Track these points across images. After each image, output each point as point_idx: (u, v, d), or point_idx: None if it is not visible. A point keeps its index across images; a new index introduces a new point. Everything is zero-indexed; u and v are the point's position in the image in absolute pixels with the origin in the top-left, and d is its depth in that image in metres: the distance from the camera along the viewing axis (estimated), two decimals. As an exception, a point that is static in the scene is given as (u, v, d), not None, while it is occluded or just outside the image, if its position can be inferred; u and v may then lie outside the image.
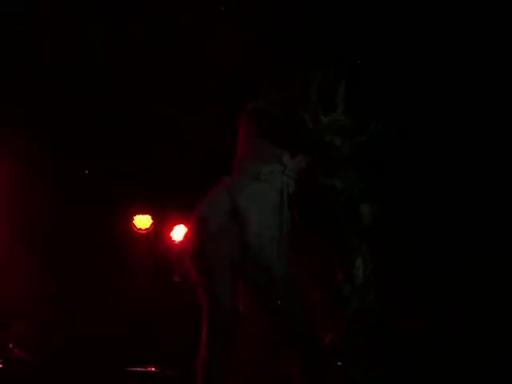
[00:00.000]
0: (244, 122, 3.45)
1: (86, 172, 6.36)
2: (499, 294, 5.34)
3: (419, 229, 5.68)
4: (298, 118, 3.20)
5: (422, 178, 5.59)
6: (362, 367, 3.83)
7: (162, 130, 6.12)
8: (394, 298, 4.26)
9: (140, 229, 6.69)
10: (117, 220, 6.59)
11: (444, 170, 5.57)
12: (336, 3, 5.10)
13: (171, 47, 5.51)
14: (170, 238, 6.74)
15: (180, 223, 6.69)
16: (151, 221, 6.73)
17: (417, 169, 5.57)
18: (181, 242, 3.57)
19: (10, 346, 5.34)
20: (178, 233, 6.70)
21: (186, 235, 3.55)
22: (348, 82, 3.24)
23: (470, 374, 5.04)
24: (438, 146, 5.53)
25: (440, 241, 5.65)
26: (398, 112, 5.23)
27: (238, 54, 5.21)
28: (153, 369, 5.44)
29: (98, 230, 6.33)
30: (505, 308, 5.25)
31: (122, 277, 6.47)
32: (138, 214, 6.70)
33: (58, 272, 6.06)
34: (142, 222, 6.71)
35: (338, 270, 3.72)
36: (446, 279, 5.55)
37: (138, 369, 5.40)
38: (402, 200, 5.51)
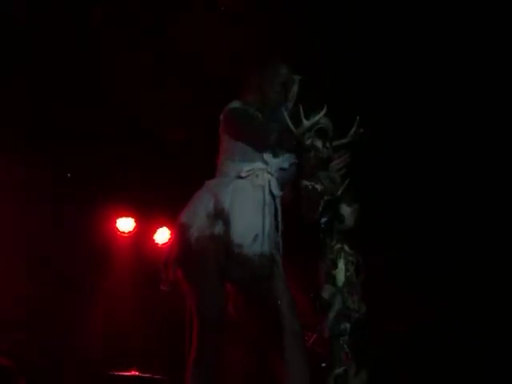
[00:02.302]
0: (224, 124, 3.46)
1: (69, 175, 6.34)
2: (486, 295, 5.38)
3: (404, 230, 5.71)
4: (279, 119, 3.20)
5: (405, 179, 5.61)
6: (346, 368, 3.84)
7: (146, 133, 6.11)
8: (378, 299, 4.28)
9: (123, 232, 6.67)
10: (100, 223, 6.57)
11: (431, 171, 5.60)
12: (321, 7, 5.12)
13: (166, 46, 5.52)
14: (154, 240, 6.73)
15: (163, 226, 6.68)
16: (134, 224, 6.71)
17: (404, 170, 5.59)
18: (165, 250, 3.56)
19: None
20: (162, 235, 6.69)
21: (170, 243, 3.56)
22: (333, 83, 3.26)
23: (457, 375, 5.07)
24: (429, 148, 5.55)
25: (426, 242, 5.68)
26: (384, 113, 5.26)
27: (223, 55, 5.22)
28: (135, 372, 5.43)
29: (80, 233, 6.31)
30: (492, 309, 5.29)
31: (106, 279, 6.45)
32: (121, 216, 6.68)
33: (40, 275, 6.04)
34: (126, 224, 6.69)
35: (320, 272, 3.72)
36: (432, 280, 5.58)
37: (121, 373, 5.39)
38: (385, 202, 5.54)
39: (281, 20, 5.14)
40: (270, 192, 3.36)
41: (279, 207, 3.40)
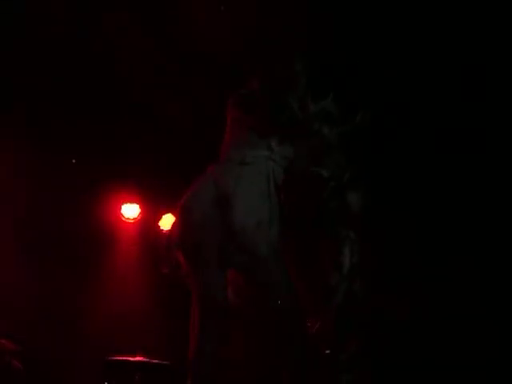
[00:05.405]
0: (231, 109, 3.45)
1: (74, 161, 6.34)
2: (484, 281, 5.38)
3: (408, 217, 5.70)
4: (285, 104, 3.19)
5: (411, 167, 5.60)
6: (350, 354, 3.85)
7: (151, 119, 6.10)
8: (382, 285, 4.28)
9: (128, 218, 6.67)
10: (105, 209, 6.57)
11: (435, 160, 5.59)
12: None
13: (164, 33, 5.50)
14: (159, 226, 6.72)
15: (168, 212, 6.68)
16: (139, 210, 6.72)
17: (407, 158, 5.58)
18: (167, 233, 3.56)
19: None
20: (167, 222, 6.69)
21: (172, 226, 3.56)
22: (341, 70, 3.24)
23: (457, 360, 5.07)
24: (430, 135, 5.53)
25: (428, 229, 5.67)
26: (389, 100, 5.23)
27: (229, 39, 5.20)
28: (141, 358, 5.43)
29: (86, 220, 6.32)
30: (488, 297, 5.29)
31: (110, 266, 6.46)
32: (126, 202, 6.68)
33: (44, 260, 6.05)
34: (130, 211, 6.69)
35: (326, 259, 3.72)
36: (433, 267, 5.58)
37: (127, 358, 5.40)
38: (391, 188, 5.53)
39: (285, 6, 5.11)
40: (274, 179, 3.34)
41: (282, 196, 3.38)
